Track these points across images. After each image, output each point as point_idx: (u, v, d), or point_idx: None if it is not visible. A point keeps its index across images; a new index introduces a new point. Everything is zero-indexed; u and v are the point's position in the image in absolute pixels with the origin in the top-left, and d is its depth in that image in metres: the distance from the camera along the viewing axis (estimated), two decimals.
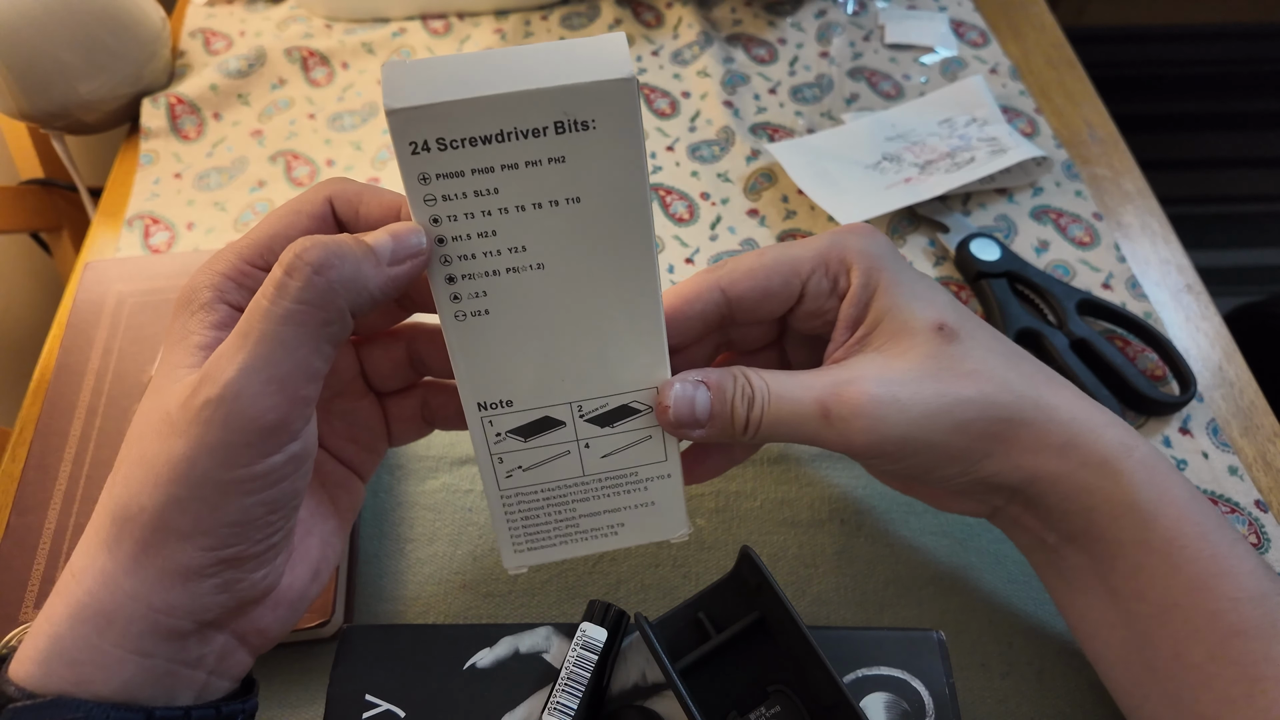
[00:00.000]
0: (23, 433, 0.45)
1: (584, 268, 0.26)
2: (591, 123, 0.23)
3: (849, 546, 0.39)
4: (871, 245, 0.30)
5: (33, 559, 0.38)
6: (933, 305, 0.29)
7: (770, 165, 0.55)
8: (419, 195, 0.24)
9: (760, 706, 0.29)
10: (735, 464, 0.33)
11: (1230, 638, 0.26)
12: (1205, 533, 0.27)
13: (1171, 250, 0.51)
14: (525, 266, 0.25)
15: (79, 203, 0.65)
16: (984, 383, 0.28)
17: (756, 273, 0.29)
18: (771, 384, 0.28)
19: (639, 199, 0.25)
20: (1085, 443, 0.28)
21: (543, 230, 0.25)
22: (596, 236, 0.25)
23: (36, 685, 0.22)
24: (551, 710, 0.28)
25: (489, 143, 0.23)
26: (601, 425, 0.29)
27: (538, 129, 0.23)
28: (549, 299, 0.26)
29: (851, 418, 0.27)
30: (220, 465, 0.22)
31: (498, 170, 0.24)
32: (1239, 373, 0.46)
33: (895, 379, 0.28)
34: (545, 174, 0.24)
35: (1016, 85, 0.59)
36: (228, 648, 0.26)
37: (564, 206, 0.25)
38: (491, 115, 0.23)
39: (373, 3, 0.64)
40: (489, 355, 0.27)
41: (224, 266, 0.25)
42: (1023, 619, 0.37)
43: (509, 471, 0.29)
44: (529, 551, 0.31)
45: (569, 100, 0.23)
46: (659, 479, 0.30)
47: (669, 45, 0.63)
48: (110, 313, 0.46)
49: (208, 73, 0.61)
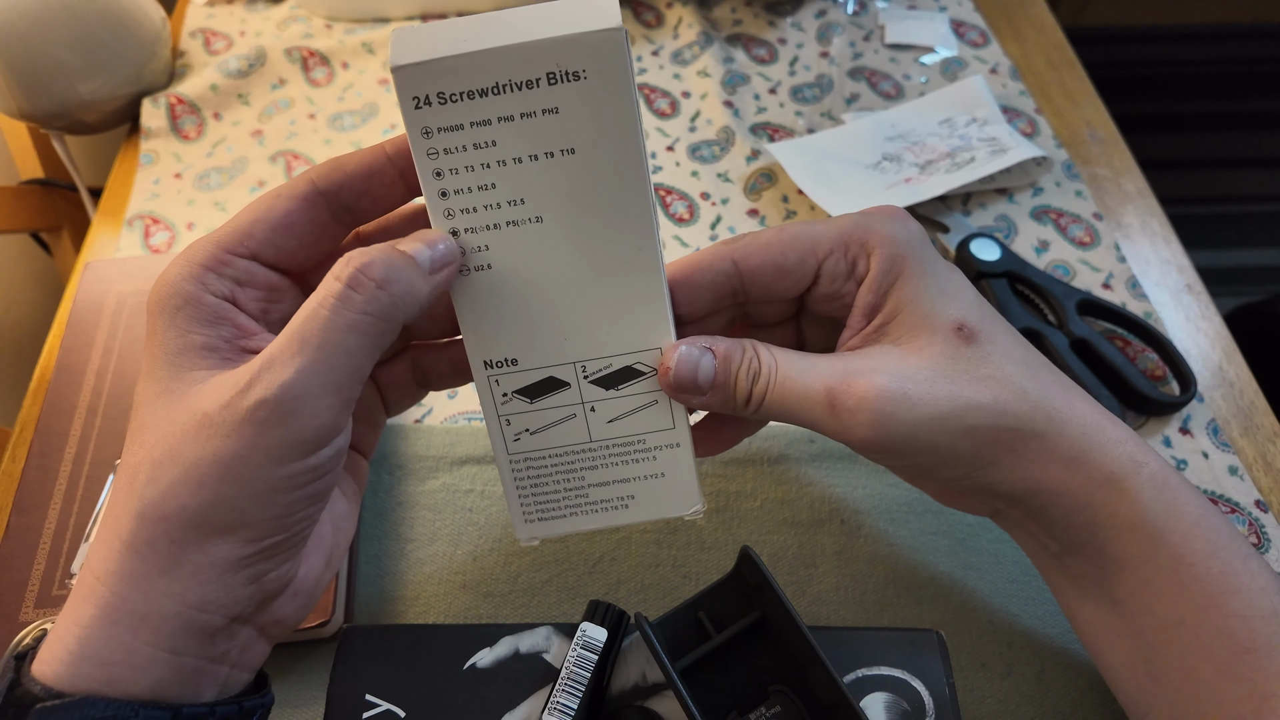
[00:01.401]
0: (23, 433, 0.45)
1: (581, 220, 0.26)
2: (582, 73, 0.24)
3: (849, 546, 0.39)
4: (899, 230, 0.29)
5: (33, 559, 0.38)
6: (956, 302, 0.28)
7: (770, 165, 0.55)
8: (422, 149, 0.25)
9: (760, 706, 0.29)
10: (748, 435, 0.33)
11: (1240, 655, 0.26)
12: (1215, 550, 0.27)
13: (1171, 250, 0.51)
14: (524, 219, 0.26)
15: (79, 203, 0.65)
16: (999, 389, 0.27)
17: (772, 247, 0.29)
18: (781, 362, 0.28)
19: (632, 150, 0.25)
20: (1094, 458, 0.28)
21: (540, 183, 0.26)
22: (592, 189, 0.26)
23: (65, 685, 0.22)
24: (551, 710, 0.28)
25: (485, 95, 0.24)
26: (606, 388, 0.29)
27: (531, 80, 0.24)
28: (548, 252, 0.27)
29: (858, 410, 0.27)
30: (273, 463, 0.23)
31: (495, 123, 0.25)
32: (1239, 373, 0.46)
33: (908, 375, 0.27)
34: (540, 126, 0.25)
35: (1016, 85, 0.59)
36: (249, 640, 0.26)
37: (559, 158, 0.25)
38: (487, 68, 0.24)
39: (373, 3, 0.64)
40: (493, 310, 0.27)
41: (202, 257, 0.25)
42: (1023, 619, 0.37)
43: (516, 435, 0.29)
44: (540, 522, 0.31)
45: (559, 51, 0.24)
46: (667, 448, 0.30)
47: (669, 45, 0.63)
48: (110, 313, 0.46)
49: (208, 73, 0.61)
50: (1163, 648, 0.28)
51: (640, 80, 0.61)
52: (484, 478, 0.41)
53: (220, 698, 0.25)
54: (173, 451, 0.23)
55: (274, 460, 0.23)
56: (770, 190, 0.54)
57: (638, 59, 0.62)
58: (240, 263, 0.25)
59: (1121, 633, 0.29)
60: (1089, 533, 0.28)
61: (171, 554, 0.23)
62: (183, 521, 0.23)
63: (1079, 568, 0.30)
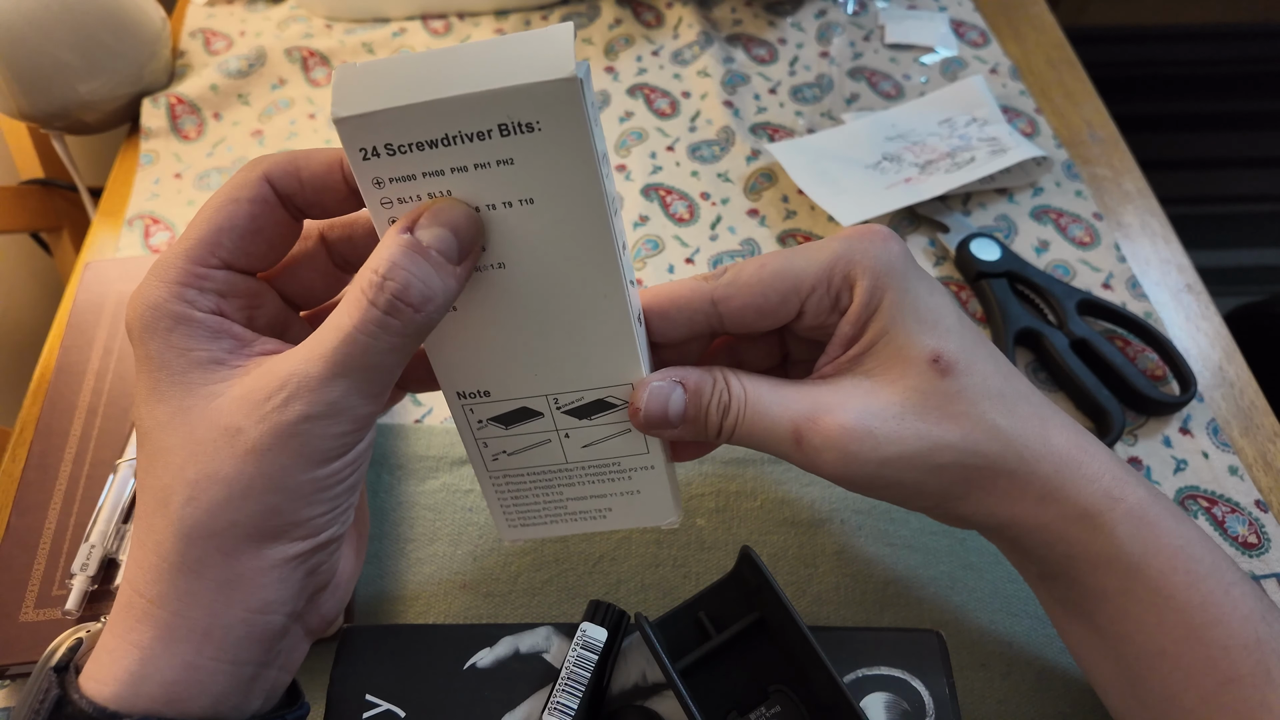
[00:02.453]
0: (23, 433, 0.45)
1: (544, 268, 0.25)
2: (536, 124, 0.22)
3: (849, 546, 0.39)
4: (882, 254, 0.28)
5: (33, 559, 0.38)
6: (934, 330, 0.27)
7: (770, 165, 0.55)
8: (375, 198, 0.24)
9: (760, 706, 0.29)
10: (715, 448, 0.33)
11: (1224, 685, 0.26)
12: (1195, 581, 0.27)
13: (1171, 250, 0.51)
14: (487, 266, 0.25)
15: (79, 203, 0.65)
16: (970, 427, 0.27)
17: (753, 289, 0.28)
18: (750, 394, 0.27)
19: (594, 199, 0.24)
20: (1067, 495, 0.27)
21: (500, 231, 0.25)
22: (554, 237, 0.25)
23: (123, 705, 0.22)
24: (551, 710, 0.28)
25: (435, 146, 0.23)
26: (579, 417, 0.29)
27: (482, 132, 0.23)
28: (513, 297, 0.26)
29: (823, 448, 0.26)
30: (316, 465, 0.24)
31: (448, 173, 0.23)
32: (1239, 373, 0.46)
33: (875, 412, 0.27)
34: (495, 176, 0.23)
35: (1017, 85, 0.59)
36: (296, 639, 0.26)
37: (518, 208, 0.24)
38: (435, 120, 0.22)
39: (373, 3, 0.64)
40: (461, 349, 0.27)
41: (176, 275, 0.24)
42: (1023, 619, 0.37)
43: (494, 455, 0.30)
44: (522, 527, 0.32)
45: (510, 102, 0.22)
46: (642, 469, 0.30)
47: (669, 45, 0.63)
48: (110, 313, 0.46)
49: (208, 73, 0.61)
50: (1145, 674, 0.28)
51: (640, 80, 0.61)
52: None
53: (265, 705, 0.26)
54: (209, 469, 0.23)
55: (316, 463, 0.24)
56: (770, 190, 0.54)
57: (637, 59, 0.62)
58: (217, 274, 0.25)
59: (1106, 655, 0.29)
60: (1065, 564, 0.28)
61: (228, 566, 0.23)
62: (235, 535, 0.23)
63: (1059, 592, 0.30)
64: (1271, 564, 0.39)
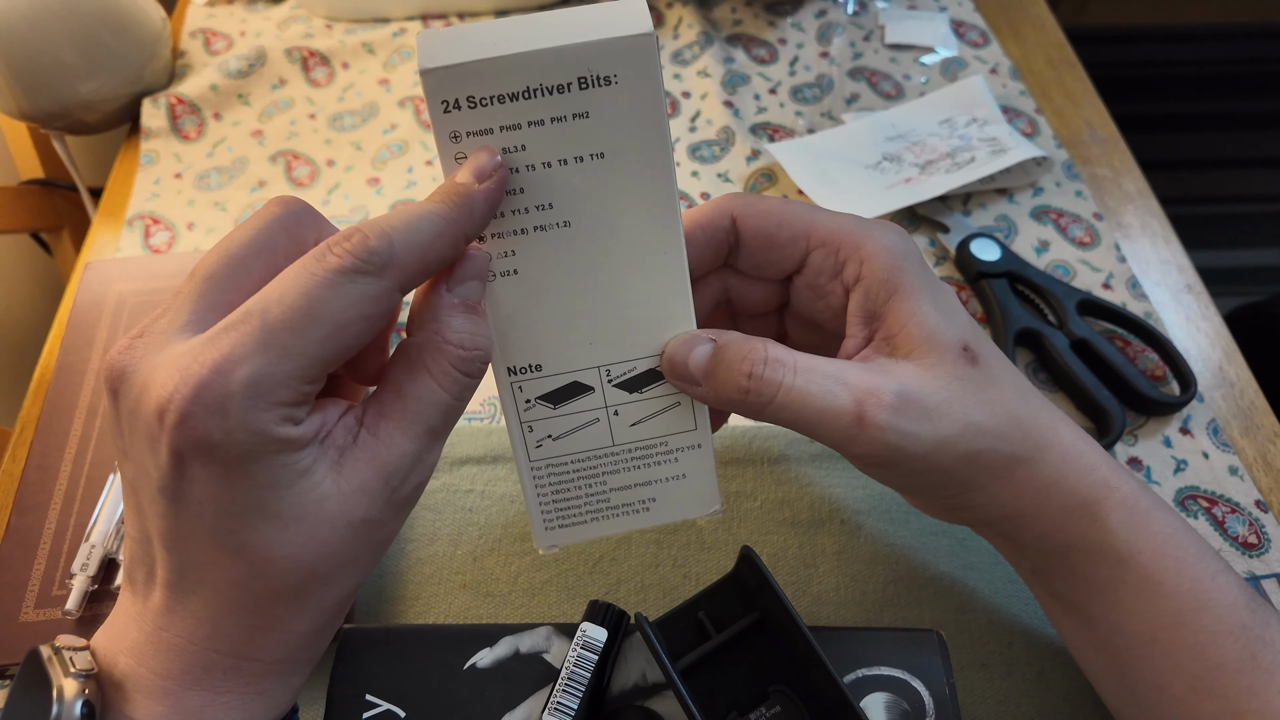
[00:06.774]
0: (23, 433, 0.45)
1: (609, 224, 0.26)
2: (613, 78, 0.24)
3: (849, 546, 0.39)
4: (897, 242, 0.28)
5: (33, 559, 0.38)
6: (955, 322, 0.28)
7: (770, 165, 0.55)
8: (450, 154, 0.25)
9: (760, 706, 0.29)
10: None
11: (1211, 671, 0.26)
12: (1183, 567, 0.27)
13: (1171, 250, 0.51)
14: (552, 224, 0.26)
15: (79, 203, 0.65)
16: (1000, 414, 0.27)
17: (770, 216, 0.29)
18: (801, 364, 0.26)
19: (661, 154, 0.25)
20: (1069, 484, 0.28)
21: (568, 187, 0.26)
22: (621, 192, 0.26)
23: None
24: (551, 710, 0.28)
25: (515, 100, 0.24)
26: (630, 390, 0.29)
27: (562, 85, 0.24)
28: (576, 257, 0.27)
29: (887, 427, 0.25)
30: None
31: (524, 127, 0.25)
32: (1239, 373, 0.46)
33: (930, 393, 0.26)
34: (570, 130, 0.25)
35: (1017, 85, 0.59)
36: None
37: (589, 162, 0.25)
38: (518, 72, 0.24)
39: (373, 3, 0.64)
40: (519, 317, 0.27)
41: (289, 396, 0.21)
42: (1023, 619, 0.37)
43: (539, 441, 0.29)
44: (560, 529, 0.31)
45: (591, 56, 0.24)
46: (689, 449, 0.30)
47: (669, 45, 0.63)
48: (110, 313, 0.46)
49: (208, 73, 0.61)
50: (1136, 666, 0.28)
51: None
52: (484, 478, 0.41)
53: None
54: (343, 560, 0.23)
55: None
56: (770, 190, 0.54)
57: None
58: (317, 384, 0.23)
59: (1099, 648, 0.29)
60: (1061, 555, 0.28)
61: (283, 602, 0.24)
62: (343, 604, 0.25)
63: (1054, 585, 0.30)
64: (1271, 564, 0.39)
